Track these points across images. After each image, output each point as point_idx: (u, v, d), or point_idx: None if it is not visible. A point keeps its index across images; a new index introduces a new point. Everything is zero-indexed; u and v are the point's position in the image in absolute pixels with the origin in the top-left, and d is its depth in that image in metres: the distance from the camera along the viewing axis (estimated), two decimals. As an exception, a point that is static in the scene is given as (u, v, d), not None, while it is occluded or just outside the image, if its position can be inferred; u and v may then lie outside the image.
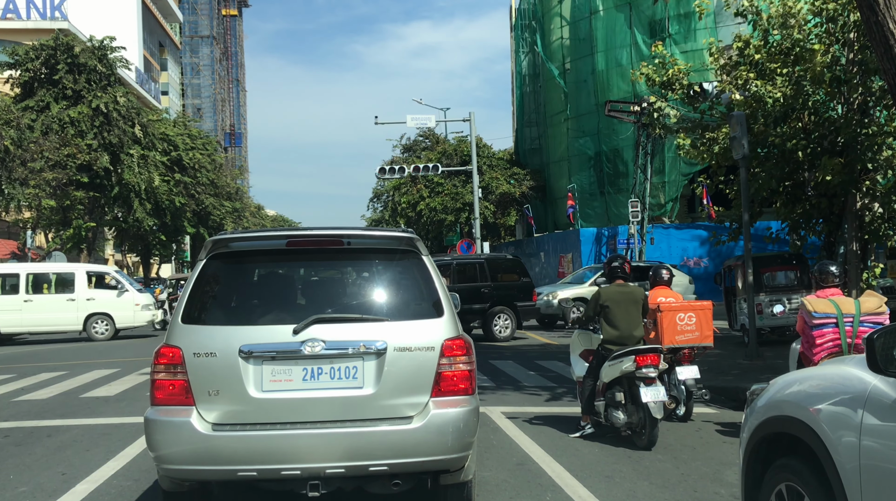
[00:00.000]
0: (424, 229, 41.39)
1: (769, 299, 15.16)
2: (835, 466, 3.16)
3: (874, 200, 13.02)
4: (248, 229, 8.72)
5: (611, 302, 7.80)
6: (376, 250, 5.11)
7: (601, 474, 6.35)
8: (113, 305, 22.26)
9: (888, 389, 3.05)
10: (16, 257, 32.35)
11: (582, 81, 35.31)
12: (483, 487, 5.91)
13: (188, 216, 42.96)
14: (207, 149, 45.04)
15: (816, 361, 6.55)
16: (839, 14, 12.15)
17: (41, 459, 7.29)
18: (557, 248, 35.44)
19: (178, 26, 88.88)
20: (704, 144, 14.18)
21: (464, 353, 4.68)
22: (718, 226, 16.16)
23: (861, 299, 6.85)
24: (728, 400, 9.71)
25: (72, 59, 33.05)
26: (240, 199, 57.49)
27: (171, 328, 4.72)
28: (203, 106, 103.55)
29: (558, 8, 37.38)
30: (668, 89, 14.37)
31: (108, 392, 11.56)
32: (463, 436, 4.57)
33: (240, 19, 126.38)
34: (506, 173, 40.78)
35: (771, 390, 3.88)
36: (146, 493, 6.02)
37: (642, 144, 27.95)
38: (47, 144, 30.20)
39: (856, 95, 12.60)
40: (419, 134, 45.73)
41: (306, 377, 4.55)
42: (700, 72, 20.30)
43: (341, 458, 4.44)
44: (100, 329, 22.19)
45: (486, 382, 11.34)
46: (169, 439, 4.48)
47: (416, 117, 34.46)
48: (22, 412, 9.99)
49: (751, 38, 13.29)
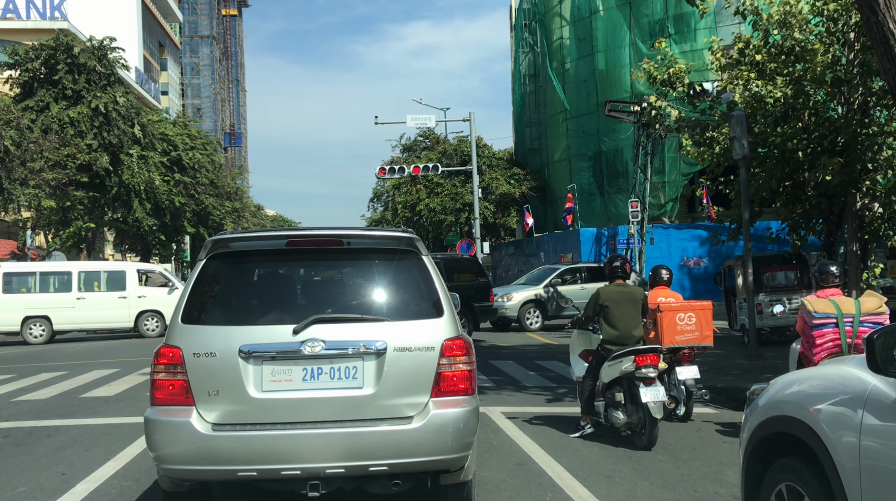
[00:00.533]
0: (424, 229, 41.39)
1: (769, 299, 15.17)
2: (835, 466, 3.16)
3: (874, 200, 13.01)
4: (248, 229, 8.73)
5: (610, 302, 7.80)
6: (376, 250, 5.11)
7: (601, 474, 6.35)
8: (163, 302, 22.56)
9: (888, 389, 3.05)
10: (15, 257, 32.34)
11: (582, 81, 35.30)
12: (483, 487, 5.92)
13: (188, 216, 42.96)
14: (207, 149, 45.03)
15: (816, 361, 6.55)
16: (840, 14, 12.14)
17: (41, 459, 7.29)
18: (557, 248, 35.43)
19: (177, 26, 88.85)
20: (705, 143, 14.17)
21: (464, 353, 4.68)
22: (718, 226, 16.16)
23: (861, 299, 6.85)
24: (728, 400, 9.72)
25: (71, 59, 33.03)
26: (239, 199, 57.47)
27: (171, 328, 4.72)
28: (203, 106, 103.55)
29: (558, 8, 37.38)
30: (668, 88, 14.36)
31: (108, 392, 11.56)
32: (463, 436, 4.57)
33: (240, 19, 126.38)
34: (506, 173, 40.78)
35: (771, 390, 3.88)
36: (146, 493, 6.02)
37: (642, 144, 27.93)
38: (47, 144, 30.18)
39: (856, 95, 12.59)
40: (419, 134, 45.77)
41: (306, 377, 4.55)
42: (700, 72, 20.29)
43: (341, 458, 4.44)
44: (151, 326, 22.63)
45: (486, 382, 11.34)
46: (169, 439, 4.48)
47: (416, 117, 34.48)
48: (22, 412, 9.99)
49: (751, 38, 13.28)
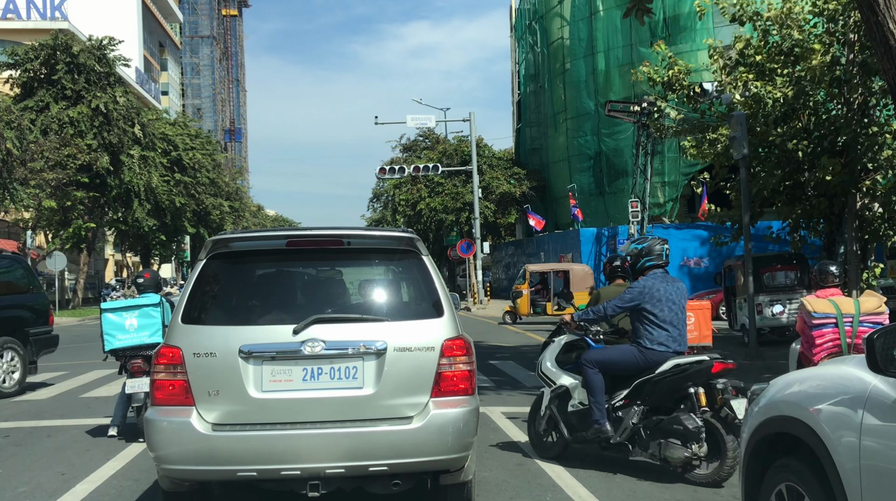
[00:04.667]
0: (424, 229, 41.39)
1: (769, 299, 15.17)
2: (835, 466, 3.16)
3: (874, 200, 13.02)
4: (248, 229, 8.73)
5: (610, 302, 7.71)
6: (376, 250, 5.11)
7: (601, 474, 6.35)
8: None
9: (888, 389, 3.05)
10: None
11: (582, 81, 35.31)
12: (483, 487, 5.91)
13: (188, 216, 42.98)
14: (207, 149, 45.04)
15: (816, 361, 6.55)
16: (840, 14, 12.15)
17: (41, 459, 7.29)
18: (557, 248, 35.45)
19: (178, 26, 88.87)
20: (708, 141, 14.19)
21: (464, 353, 4.68)
22: (720, 226, 16.16)
23: (861, 299, 6.86)
24: (728, 400, 9.69)
25: (71, 59, 33.04)
26: (239, 199, 57.48)
27: (171, 328, 4.72)
28: (203, 106, 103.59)
29: (558, 8, 37.38)
30: (668, 89, 14.38)
31: (108, 392, 11.55)
32: (463, 436, 4.57)
33: (240, 19, 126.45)
34: (506, 173, 40.80)
35: (771, 390, 3.88)
36: (146, 493, 6.01)
37: (642, 144, 27.95)
38: (47, 145, 30.19)
39: (856, 95, 12.60)
40: (419, 134, 45.78)
41: (306, 377, 4.55)
42: (700, 72, 20.29)
43: (341, 458, 4.44)
44: None
45: (486, 382, 11.33)
46: (169, 439, 4.48)
47: (415, 117, 34.50)
48: (22, 412, 9.99)
49: (751, 39, 13.29)
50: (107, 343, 8.06)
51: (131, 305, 8.19)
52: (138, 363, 7.88)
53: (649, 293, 6.14)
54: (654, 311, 6.13)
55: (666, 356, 6.09)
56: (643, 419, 6.11)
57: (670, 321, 6.15)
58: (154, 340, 7.80)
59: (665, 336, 6.13)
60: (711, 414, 5.88)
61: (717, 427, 5.85)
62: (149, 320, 8.05)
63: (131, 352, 8.02)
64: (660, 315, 6.13)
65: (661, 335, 6.13)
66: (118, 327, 8.02)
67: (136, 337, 8.02)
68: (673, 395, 6.04)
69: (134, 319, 8.05)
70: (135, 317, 8.05)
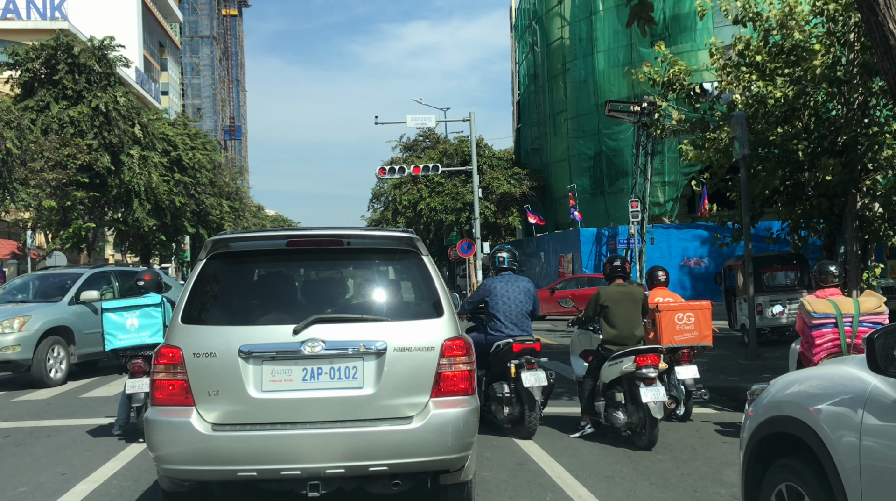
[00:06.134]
0: (424, 229, 41.38)
1: (769, 299, 15.16)
2: (835, 466, 3.16)
3: (874, 200, 13.01)
4: (248, 229, 8.73)
5: (610, 302, 7.80)
6: (376, 250, 5.11)
7: (601, 474, 6.35)
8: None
9: (888, 389, 3.05)
10: (16, 257, 32.33)
11: (582, 81, 35.30)
12: (483, 487, 5.91)
13: (188, 216, 42.94)
14: (207, 148, 45.00)
15: (816, 361, 6.56)
16: (840, 14, 12.14)
17: (41, 459, 7.29)
18: (557, 248, 35.44)
19: (178, 26, 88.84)
20: (706, 145, 14.18)
21: (464, 353, 4.68)
22: (721, 227, 16.15)
23: (860, 299, 6.85)
24: (728, 400, 9.72)
25: (72, 59, 33.00)
26: (239, 199, 57.43)
27: (171, 328, 4.72)
28: (203, 106, 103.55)
29: (558, 8, 37.36)
30: (668, 89, 14.37)
31: (108, 392, 11.56)
32: (463, 436, 4.57)
33: (240, 19, 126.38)
34: (506, 173, 40.78)
35: (771, 390, 3.88)
36: (146, 493, 6.02)
37: (642, 144, 27.94)
38: (47, 144, 30.17)
39: (856, 95, 12.59)
40: (419, 134, 45.75)
41: (306, 377, 4.55)
42: (700, 72, 20.30)
43: (341, 458, 4.44)
44: None
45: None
46: (169, 439, 4.48)
47: (416, 117, 34.45)
48: (22, 412, 9.99)
49: (751, 39, 13.28)
50: (108, 343, 8.07)
51: (132, 305, 8.20)
52: (139, 363, 7.88)
53: (488, 291, 8.03)
54: (492, 303, 7.95)
55: (500, 338, 7.78)
56: (486, 387, 7.91)
57: (503, 312, 7.90)
58: (155, 340, 7.81)
59: (499, 324, 7.88)
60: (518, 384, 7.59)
61: (521, 394, 7.58)
62: (150, 320, 8.06)
63: (132, 352, 8.03)
64: (494, 306, 7.92)
65: (496, 323, 7.89)
66: (119, 326, 8.03)
67: (137, 337, 8.03)
68: (500, 368, 7.75)
69: (135, 319, 8.06)
70: (136, 317, 8.06)
